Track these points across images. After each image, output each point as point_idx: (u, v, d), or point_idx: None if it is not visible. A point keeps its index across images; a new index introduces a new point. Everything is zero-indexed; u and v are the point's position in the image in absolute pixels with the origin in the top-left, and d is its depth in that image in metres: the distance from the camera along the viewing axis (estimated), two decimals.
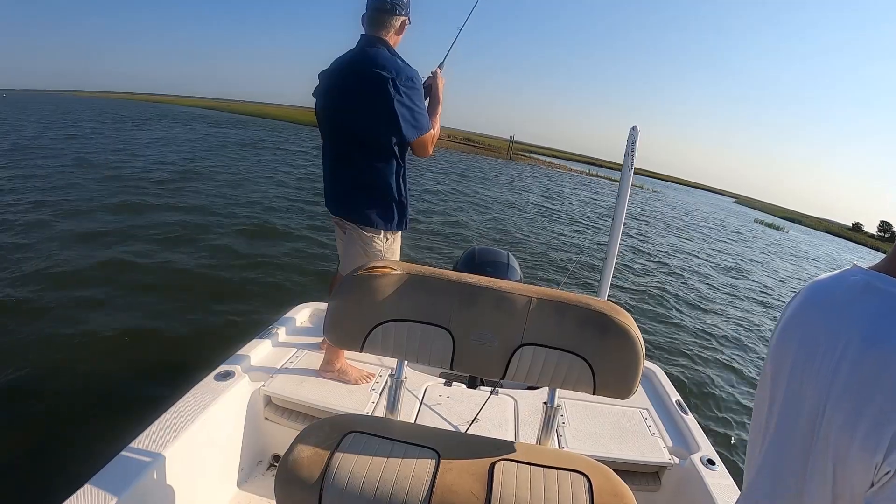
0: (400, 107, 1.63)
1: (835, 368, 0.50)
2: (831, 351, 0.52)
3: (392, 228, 1.81)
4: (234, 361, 1.71)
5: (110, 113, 33.19)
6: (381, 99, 1.62)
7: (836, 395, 0.49)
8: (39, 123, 20.18)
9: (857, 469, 0.47)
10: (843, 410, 0.49)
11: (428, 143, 1.78)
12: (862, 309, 0.51)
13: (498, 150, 49.31)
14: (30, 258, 4.78)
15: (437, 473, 0.99)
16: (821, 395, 0.51)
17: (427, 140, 1.77)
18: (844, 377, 0.49)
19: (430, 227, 8.72)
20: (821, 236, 49.42)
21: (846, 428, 0.48)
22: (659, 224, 16.95)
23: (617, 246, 2.17)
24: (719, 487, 1.44)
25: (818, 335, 0.54)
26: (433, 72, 1.92)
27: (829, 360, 0.51)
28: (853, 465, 0.47)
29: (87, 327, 3.59)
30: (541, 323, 1.11)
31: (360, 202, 1.76)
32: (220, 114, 52.96)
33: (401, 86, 1.63)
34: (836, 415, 0.49)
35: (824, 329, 0.54)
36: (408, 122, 1.67)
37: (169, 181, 9.68)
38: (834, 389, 0.50)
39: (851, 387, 0.48)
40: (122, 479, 1.15)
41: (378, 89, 1.62)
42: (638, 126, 2.03)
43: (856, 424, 0.47)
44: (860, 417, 0.47)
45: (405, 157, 1.78)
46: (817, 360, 0.53)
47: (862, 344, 0.49)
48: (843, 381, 0.49)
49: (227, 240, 6.28)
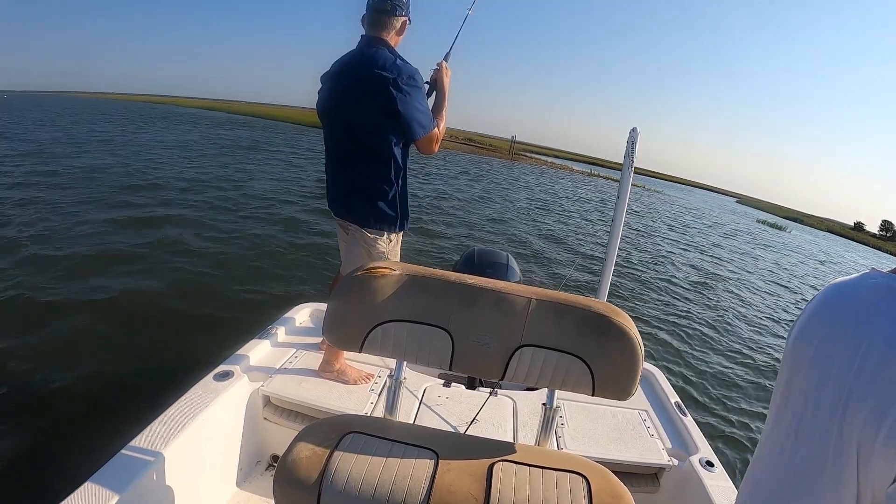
0: (403, 106, 1.63)
1: (858, 367, 0.51)
2: (854, 349, 0.52)
3: (395, 230, 1.81)
4: (233, 361, 1.71)
5: (114, 113, 33.26)
6: (384, 100, 1.62)
7: (860, 392, 0.50)
8: (57, 125, 20.22)
9: (879, 464, 0.47)
10: (866, 408, 0.49)
11: (433, 141, 1.77)
12: (885, 310, 0.52)
13: (499, 151, 49.28)
14: (29, 254, 4.81)
15: (435, 474, 0.99)
16: (842, 392, 0.51)
17: (433, 137, 1.76)
18: (868, 375, 0.50)
19: (428, 227, 8.72)
20: (823, 236, 49.32)
21: (870, 424, 0.48)
22: (658, 224, 16.93)
23: (616, 247, 2.17)
24: (718, 489, 1.44)
25: (840, 334, 0.55)
26: (438, 64, 1.90)
27: (851, 358, 0.52)
28: (876, 461, 0.48)
29: (86, 326, 3.59)
30: (540, 324, 1.11)
31: (363, 204, 1.76)
32: (220, 114, 53.05)
33: (403, 85, 1.62)
34: (860, 412, 0.49)
35: (847, 328, 0.54)
36: (411, 121, 1.66)
37: (169, 181, 9.70)
38: (857, 387, 0.50)
39: (875, 385, 0.49)
40: (121, 479, 1.15)
41: (380, 90, 1.62)
42: (638, 128, 2.03)
43: (880, 422, 0.47)
44: (884, 416, 0.47)
45: (406, 158, 1.78)
46: (838, 359, 0.53)
47: (885, 344, 0.49)
48: (867, 380, 0.50)
49: (226, 239, 6.28)
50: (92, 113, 31.10)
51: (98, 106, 46.17)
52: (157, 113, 40.91)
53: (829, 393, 0.53)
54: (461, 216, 10.57)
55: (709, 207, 39.85)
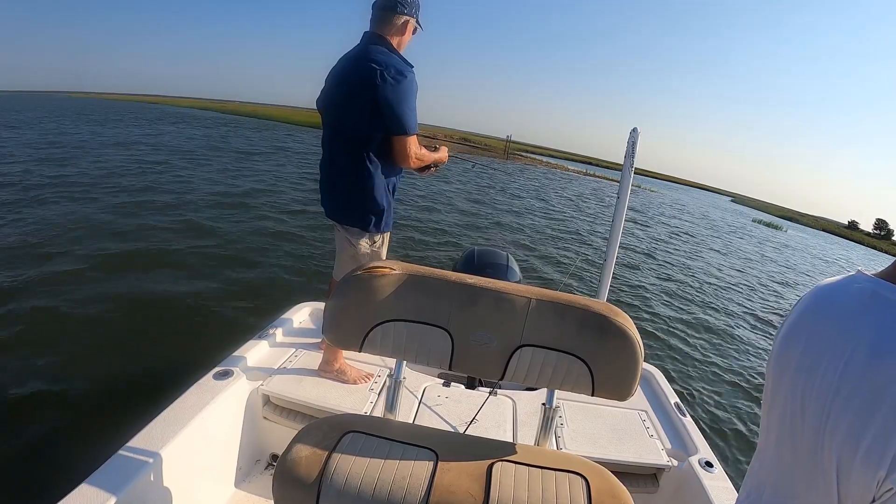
0: (385, 94, 1.58)
1: (840, 376, 0.49)
2: (837, 358, 0.51)
3: (378, 230, 1.79)
4: (232, 360, 1.71)
5: (105, 113, 33.00)
6: (365, 89, 1.58)
7: (841, 403, 0.48)
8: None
9: (858, 483, 0.46)
10: (846, 421, 0.48)
11: (409, 147, 1.69)
12: (870, 318, 0.50)
13: (495, 150, 49.20)
14: (30, 249, 4.80)
15: (435, 474, 0.99)
16: (825, 402, 0.50)
17: (409, 143, 1.68)
18: (850, 386, 0.48)
19: (428, 227, 8.72)
20: (818, 235, 49.46)
21: (849, 439, 0.47)
22: (658, 224, 16.96)
23: (616, 247, 2.17)
24: (717, 490, 1.44)
25: (824, 341, 0.54)
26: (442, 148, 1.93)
27: (834, 366, 0.50)
28: (855, 478, 0.46)
29: (85, 327, 3.58)
30: (540, 324, 1.12)
31: (345, 204, 1.75)
32: (215, 114, 52.81)
33: (388, 76, 1.58)
34: (840, 424, 0.48)
35: (830, 335, 0.53)
36: (391, 111, 1.60)
37: (165, 181, 9.66)
38: (838, 398, 0.49)
39: (856, 396, 0.47)
40: (119, 478, 1.14)
41: (363, 79, 1.59)
42: (638, 128, 2.03)
43: (860, 436, 0.46)
44: (864, 429, 0.46)
45: (390, 157, 1.73)
46: (822, 367, 0.52)
47: (869, 353, 0.48)
48: (849, 390, 0.48)
49: (226, 239, 6.27)
50: (75, 114, 30.80)
51: (90, 106, 45.86)
52: (153, 114, 40.60)
53: (812, 403, 0.52)
54: (460, 216, 10.55)
55: (705, 206, 39.94)
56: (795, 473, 0.54)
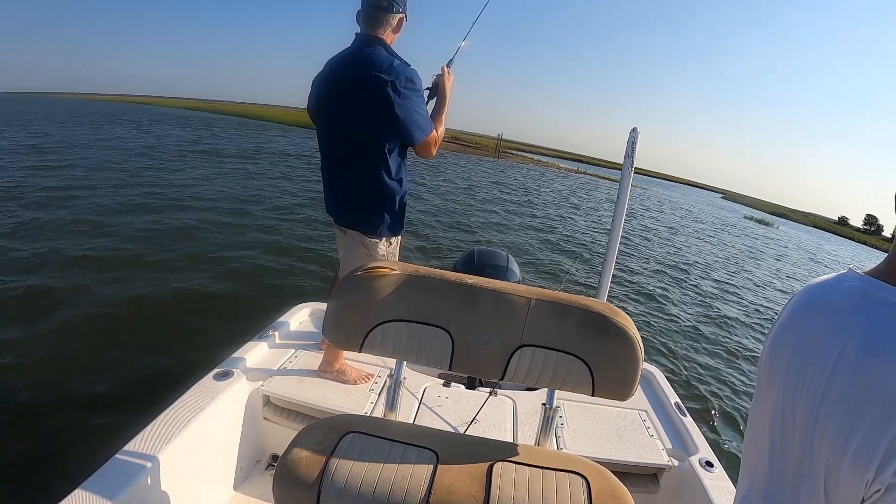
0: (401, 111, 1.59)
1: (830, 376, 0.49)
2: (826, 357, 0.50)
3: (394, 234, 1.79)
4: (232, 361, 1.70)
5: (104, 115, 32.64)
6: (381, 103, 1.58)
7: (830, 403, 0.48)
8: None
9: (847, 484, 0.46)
10: (835, 421, 0.47)
11: (431, 145, 1.73)
12: (860, 317, 0.50)
13: (486, 149, 48.98)
14: (30, 247, 4.79)
15: (435, 474, 0.99)
16: (814, 402, 0.50)
17: (430, 141, 1.72)
18: (839, 386, 0.48)
19: (426, 227, 8.70)
20: (809, 231, 49.72)
21: (838, 440, 0.46)
22: (656, 224, 16.96)
23: (616, 247, 2.15)
24: (718, 489, 1.43)
25: (814, 340, 0.53)
26: (441, 69, 1.87)
27: (824, 366, 0.50)
28: (844, 479, 0.46)
29: (84, 327, 3.55)
30: (540, 324, 1.12)
31: (361, 209, 1.73)
32: (210, 115, 52.40)
33: (401, 88, 1.58)
34: (829, 425, 0.48)
35: (820, 334, 0.53)
36: (410, 125, 1.62)
37: (163, 182, 9.59)
38: (828, 397, 0.49)
39: (846, 396, 0.47)
40: (119, 479, 1.14)
41: (377, 92, 1.57)
42: (638, 128, 2.02)
43: (848, 437, 0.46)
44: (853, 430, 0.45)
45: (405, 161, 1.75)
46: (812, 366, 0.52)
47: (859, 352, 0.48)
48: (838, 390, 0.48)
49: (226, 239, 6.24)
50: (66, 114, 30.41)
51: (82, 107, 45.37)
52: (150, 115, 40.23)
53: (802, 402, 0.52)
54: (458, 216, 10.51)
55: (697, 203, 40.12)
56: (786, 473, 0.54)
